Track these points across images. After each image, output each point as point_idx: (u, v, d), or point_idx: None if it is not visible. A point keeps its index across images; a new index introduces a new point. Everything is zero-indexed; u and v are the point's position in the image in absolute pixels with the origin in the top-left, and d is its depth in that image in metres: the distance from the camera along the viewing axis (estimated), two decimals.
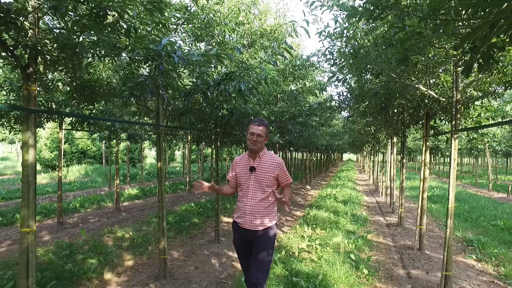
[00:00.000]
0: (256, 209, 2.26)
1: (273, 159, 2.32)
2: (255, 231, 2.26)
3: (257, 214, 2.25)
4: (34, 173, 2.09)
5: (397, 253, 4.74)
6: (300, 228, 5.84)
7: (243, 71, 2.98)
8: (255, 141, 2.24)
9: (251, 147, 2.27)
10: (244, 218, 2.28)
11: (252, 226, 2.26)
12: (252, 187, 2.28)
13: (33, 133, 2.05)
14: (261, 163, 2.31)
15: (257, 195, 2.27)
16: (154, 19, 2.30)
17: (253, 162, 2.32)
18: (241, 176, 2.34)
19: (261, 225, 2.26)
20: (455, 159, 3.20)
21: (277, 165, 2.30)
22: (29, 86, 2.01)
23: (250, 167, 2.30)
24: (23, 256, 2.07)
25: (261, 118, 2.36)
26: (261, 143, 2.29)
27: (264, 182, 2.27)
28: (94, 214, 7.24)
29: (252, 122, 2.30)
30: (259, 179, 2.28)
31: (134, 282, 3.57)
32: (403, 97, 3.93)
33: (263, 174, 2.27)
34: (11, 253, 4.43)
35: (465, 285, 3.54)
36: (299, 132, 6.43)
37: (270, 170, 2.27)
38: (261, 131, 2.26)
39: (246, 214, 2.27)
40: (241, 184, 2.35)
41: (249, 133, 2.28)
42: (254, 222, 2.25)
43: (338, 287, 3.36)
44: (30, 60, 2.02)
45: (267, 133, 2.35)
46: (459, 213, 7.51)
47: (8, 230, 5.69)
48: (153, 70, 2.24)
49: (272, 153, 2.39)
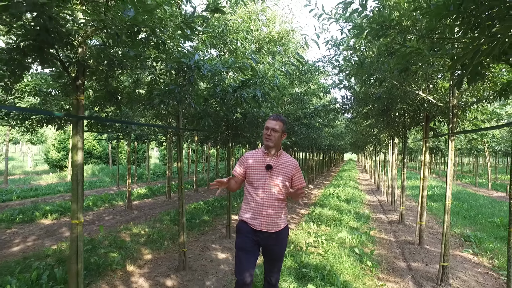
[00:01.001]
0: (272, 210, 2.17)
1: (290, 160, 2.26)
2: (271, 233, 2.18)
3: (273, 216, 2.17)
4: (82, 172, 2.39)
5: (399, 247, 5.03)
6: (306, 225, 6.13)
7: (258, 79, 3.27)
8: (269, 135, 2.16)
9: (266, 143, 2.19)
10: (259, 219, 2.16)
11: (268, 227, 2.16)
12: (268, 186, 2.17)
13: (82, 137, 2.35)
14: (278, 162, 2.22)
15: (273, 195, 2.17)
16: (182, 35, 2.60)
17: (270, 160, 2.22)
18: (254, 173, 2.22)
19: (277, 226, 2.19)
20: (452, 159, 3.48)
21: (294, 166, 2.23)
22: (78, 96, 2.31)
23: (267, 165, 2.18)
24: (73, 244, 2.37)
25: (278, 114, 2.28)
26: (277, 139, 2.19)
27: (279, 182, 2.17)
28: (107, 212, 7.55)
29: (269, 117, 2.25)
30: (274, 178, 2.18)
31: (156, 273, 3.87)
32: (404, 101, 4.22)
33: (280, 174, 2.19)
34: (38, 247, 4.74)
35: (461, 275, 3.83)
36: (305, 133, 6.73)
37: (288, 171, 2.20)
38: (277, 126, 2.18)
39: (262, 215, 2.16)
40: (252, 182, 2.22)
41: (265, 127, 2.21)
42: (270, 223, 2.16)
43: (344, 277, 3.64)
44: (79, 73, 2.31)
45: (284, 129, 2.25)
46: (458, 211, 7.79)
47: (30, 226, 6.00)
48: (183, 80, 2.53)
49: (288, 155, 2.32)
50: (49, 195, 9.59)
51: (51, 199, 8.95)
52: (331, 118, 9.24)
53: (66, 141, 16.38)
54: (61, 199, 9.13)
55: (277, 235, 2.20)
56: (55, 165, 16.52)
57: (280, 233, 2.21)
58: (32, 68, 2.32)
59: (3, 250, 4.60)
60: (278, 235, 2.20)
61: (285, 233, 2.26)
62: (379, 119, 5.87)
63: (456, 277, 3.75)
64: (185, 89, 2.57)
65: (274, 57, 6.50)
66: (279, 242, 2.21)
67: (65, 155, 16.10)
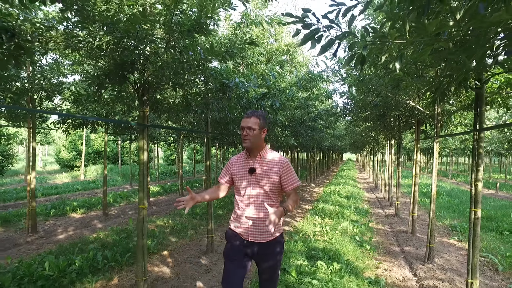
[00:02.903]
0: (260, 218, 1.92)
1: (277, 158, 1.98)
2: (261, 243, 1.93)
3: (260, 224, 1.92)
4: (147, 168, 3.08)
5: (394, 236, 5.74)
6: (312, 217, 6.83)
7: (277, 91, 3.97)
8: (246, 135, 1.92)
9: (244, 144, 1.95)
10: (246, 229, 1.94)
11: (257, 238, 1.92)
12: (253, 192, 1.94)
13: (147, 141, 3.04)
14: (263, 163, 1.97)
15: (259, 201, 1.94)
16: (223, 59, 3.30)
17: (252, 162, 1.98)
18: (239, 179, 1.99)
19: (267, 235, 1.93)
20: (436, 158, 4.20)
21: (282, 164, 1.95)
22: (144, 109, 3.01)
23: (250, 168, 1.95)
24: (140, 224, 3.05)
25: (254, 110, 2.03)
26: (256, 138, 1.93)
27: (267, 186, 1.93)
28: (128, 207, 8.22)
29: (244, 115, 1.99)
30: (260, 182, 1.94)
31: (188, 256, 4.55)
32: (397, 109, 4.92)
33: (265, 177, 1.93)
34: (78, 236, 5.41)
35: (445, 256, 4.54)
36: (310, 135, 7.43)
37: (274, 172, 1.93)
38: (252, 123, 1.91)
39: (249, 224, 1.93)
40: (239, 189, 2.00)
41: (240, 128, 1.97)
42: (259, 233, 1.92)
43: (347, 257, 4.34)
44: (144, 91, 3.00)
45: (263, 125, 1.97)
46: (449, 206, 8.52)
47: (64, 219, 6.66)
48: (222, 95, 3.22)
49: (275, 152, 2.04)
50: (69, 193, 10.25)
51: (72, 196, 9.61)
52: (332, 120, 9.95)
53: (76, 142, 17.03)
54: (81, 196, 9.79)
55: (269, 245, 1.93)
56: (66, 165, 17.17)
57: (273, 244, 1.94)
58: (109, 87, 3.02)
59: (51, 237, 5.28)
60: (270, 246, 1.94)
61: (278, 244, 1.97)
62: (376, 123, 6.57)
63: (441, 257, 4.46)
64: (223, 102, 3.27)
65: (282, 66, 7.22)
66: (271, 252, 1.94)
67: (76, 156, 16.76)
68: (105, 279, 3.64)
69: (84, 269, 3.68)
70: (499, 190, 12.77)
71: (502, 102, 3.14)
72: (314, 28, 1.35)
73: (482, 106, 2.56)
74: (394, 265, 4.27)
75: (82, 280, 3.50)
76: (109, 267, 3.93)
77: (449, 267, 4.05)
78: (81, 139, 17.05)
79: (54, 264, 3.60)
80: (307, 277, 3.52)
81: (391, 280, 3.75)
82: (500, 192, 12.83)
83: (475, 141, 2.61)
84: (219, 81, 3.05)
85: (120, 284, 3.57)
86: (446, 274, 3.80)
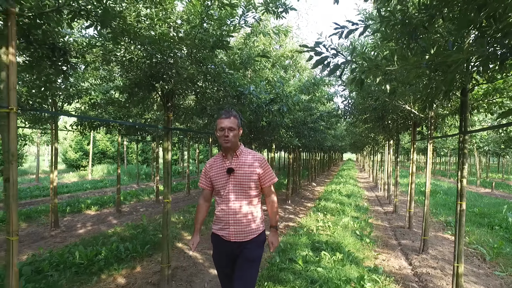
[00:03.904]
0: (240, 217, 1.94)
1: (253, 156, 2.01)
2: (242, 242, 1.95)
3: (242, 223, 1.94)
4: (170, 166, 3.46)
5: (392, 230, 6.12)
6: (314, 214, 7.21)
7: (284, 97, 4.36)
8: (227, 136, 1.91)
9: (224, 145, 1.95)
10: (227, 229, 1.95)
11: (238, 237, 1.94)
12: (232, 192, 1.94)
13: (170, 142, 3.42)
14: (240, 162, 1.98)
15: (240, 201, 1.95)
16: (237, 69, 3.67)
17: (229, 162, 1.99)
18: (218, 181, 1.99)
19: (249, 234, 1.96)
20: (430, 157, 4.58)
21: (259, 161, 1.99)
22: (168, 114, 3.39)
23: (228, 169, 1.96)
24: (165, 216, 3.43)
25: (228, 110, 2.03)
26: (235, 138, 1.95)
27: (246, 184, 1.94)
28: (139, 205, 8.61)
29: (219, 116, 1.99)
30: (239, 181, 1.95)
31: (201, 248, 4.93)
32: (395, 112, 5.31)
33: (243, 175, 1.95)
34: (97, 231, 5.80)
35: (439, 248, 4.93)
36: (313, 136, 7.81)
37: (251, 170, 1.96)
38: (232, 123, 1.93)
39: (230, 224, 1.94)
40: (219, 191, 1.99)
41: (219, 129, 1.95)
42: (241, 232, 1.94)
43: (349, 249, 4.72)
44: (169, 98, 3.39)
45: (240, 124, 2.01)
46: (445, 204, 8.90)
47: (80, 216, 7.05)
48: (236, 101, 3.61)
49: (250, 150, 2.07)
50: (80, 191, 10.64)
51: (83, 195, 9.99)
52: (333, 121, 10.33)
53: (82, 142, 17.44)
54: (92, 194, 10.18)
55: (250, 242, 1.96)
56: (72, 165, 17.56)
57: (254, 241, 1.98)
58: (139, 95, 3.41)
59: (72, 231, 5.67)
60: (251, 242, 1.96)
61: (259, 239, 2.00)
62: (375, 124, 6.95)
63: (434, 248, 4.84)
64: (236, 108, 3.65)
65: (286, 71, 7.61)
66: (250, 247, 1.96)
67: (82, 156, 17.17)
68: (129, 268, 4.02)
69: (110, 259, 4.06)
70: (495, 189, 13.16)
71: (486, 107, 3.53)
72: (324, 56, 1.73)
73: (467, 112, 2.94)
74: (392, 256, 4.65)
75: (109, 268, 3.88)
76: (131, 257, 4.31)
77: (442, 257, 4.43)
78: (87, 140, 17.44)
79: (83, 254, 3.99)
80: (313, 265, 3.90)
81: (388, 268, 4.13)
82: (496, 191, 13.22)
83: (461, 142, 2.99)
84: (235, 89, 3.43)
85: (143, 271, 3.96)
86: (438, 263, 4.18)
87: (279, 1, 2.98)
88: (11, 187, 1.87)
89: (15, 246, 1.87)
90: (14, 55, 1.88)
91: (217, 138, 2.01)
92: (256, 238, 1.98)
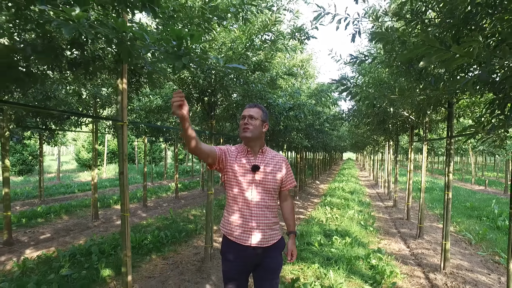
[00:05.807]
0: (264, 220, 1.80)
1: (278, 156, 1.91)
2: (264, 248, 1.81)
3: (266, 227, 1.80)
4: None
5: (392, 222, 6.90)
6: (322, 208, 7.98)
7: (301, 105, 5.12)
8: (247, 124, 1.78)
9: (243, 134, 1.79)
10: (250, 233, 1.77)
11: (262, 242, 1.79)
12: (256, 192, 1.79)
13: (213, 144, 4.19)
14: (266, 160, 1.85)
15: (264, 203, 1.80)
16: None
17: (254, 159, 1.83)
18: (239, 176, 1.79)
19: (271, 238, 1.83)
20: (425, 157, 5.37)
21: (284, 162, 1.90)
22: (211, 121, 4.16)
23: (253, 166, 1.80)
24: (208, 205, 4.19)
25: (255, 103, 1.96)
26: (256, 129, 1.79)
27: (271, 185, 1.81)
28: (160, 201, 9.36)
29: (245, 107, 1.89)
30: (265, 181, 1.81)
31: None
32: (395, 117, 6.09)
33: (270, 175, 1.82)
34: (130, 223, 6.55)
35: (433, 235, 5.71)
36: (321, 137, 8.60)
37: (277, 169, 1.84)
38: (254, 112, 1.80)
39: (253, 228, 1.77)
40: (236, 187, 1.80)
41: (241, 118, 1.84)
42: (264, 237, 1.80)
43: (356, 235, 5.49)
44: (212, 108, 4.15)
45: (264, 118, 1.85)
46: (441, 199, 9.68)
47: (110, 210, 7.80)
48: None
49: (274, 151, 1.96)
50: (100, 189, 11.37)
51: (105, 192, 10.74)
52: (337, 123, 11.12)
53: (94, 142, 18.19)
54: (112, 192, 10.92)
55: (270, 249, 1.83)
56: (85, 165, 18.28)
57: (275, 246, 1.85)
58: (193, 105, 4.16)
59: (111, 223, 6.42)
60: (272, 248, 1.84)
61: (280, 245, 1.89)
62: (377, 127, 7.73)
63: (429, 235, 5.63)
64: None
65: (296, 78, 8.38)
66: (272, 254, 1.84)
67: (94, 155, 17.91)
68: (171, 251, 4.78)
69: (156, 243, 4.82)
70: (488, 187, 13.98)
71: (470, 115, 4.31)
72: (346, 87, 2.50)
73: (452, 120, 3.71)
74: (392, 241, 5.42)
75: (157, 250, 4.64)
76: (171, 242, 5.07)
77: (434, 241, 5.22)
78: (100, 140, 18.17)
79: (133, 238, 4.75)
80: (326, 247, 4.68)
81: (389, 250, 4.91)
82: (489, 188, 14.04)
83: (448, 145, 3.77)
84: (265, 100, 4.19)
85: (184, 254, 4.72)
86: (431, 245, 4.96)
87: (303, 31, 3.75)
88: (124, 177, 2.63)
89: (127, 220, 2.63)
90: (126, 84, 2.64)
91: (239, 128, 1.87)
92: (277, 243, 1.86)
